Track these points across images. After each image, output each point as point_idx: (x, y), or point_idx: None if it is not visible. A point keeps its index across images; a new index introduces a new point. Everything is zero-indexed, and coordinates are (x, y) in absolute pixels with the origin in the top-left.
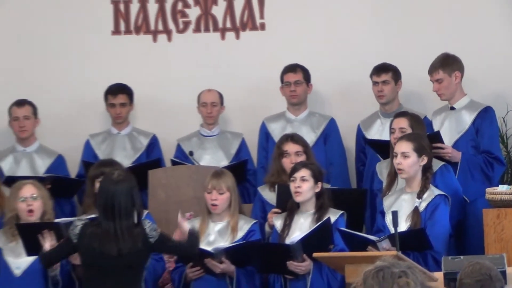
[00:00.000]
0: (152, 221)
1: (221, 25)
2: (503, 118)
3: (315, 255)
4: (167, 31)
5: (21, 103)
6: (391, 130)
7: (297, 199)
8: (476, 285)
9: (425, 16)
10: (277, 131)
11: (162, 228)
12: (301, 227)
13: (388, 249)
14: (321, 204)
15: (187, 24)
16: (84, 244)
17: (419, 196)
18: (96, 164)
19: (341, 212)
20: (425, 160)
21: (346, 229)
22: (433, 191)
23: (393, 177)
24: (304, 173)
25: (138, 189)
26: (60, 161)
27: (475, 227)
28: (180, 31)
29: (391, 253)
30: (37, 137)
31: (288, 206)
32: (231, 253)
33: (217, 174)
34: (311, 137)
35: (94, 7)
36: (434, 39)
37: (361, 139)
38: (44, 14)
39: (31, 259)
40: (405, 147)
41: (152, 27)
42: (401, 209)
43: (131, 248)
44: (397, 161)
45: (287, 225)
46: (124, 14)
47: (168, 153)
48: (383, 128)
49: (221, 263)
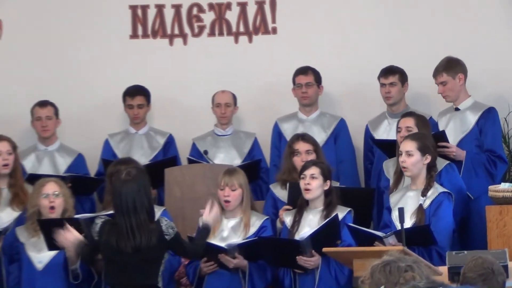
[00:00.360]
0: (168, 218)
1: (234, 29)
2: (505, 118)
3: (324, 250)
4: (183, 35)
5: (43, 104)
6: (398, 129)
7: (307, 196)
8: (479, 278)
9: (430, 21)
10: (289, 131)
11: (177, 223)
12: (310, 223)
13: (394, 244)
14: (330, 201)
15: (202, 28)
16: (103, 240)
17: (424, 193)
18: (114, 162)
19: (349, 209)
20: (428, 159)
21: (354, 225)
22: (437, 189)
23: (399, 175)
24: (313, 171)
25: (147, 187)
26: (80, 159)
27: (478, 223)
28: (195, 35)
29: (398, 248)
30: (58, 137)
31: (298, 203)
32: (244, 249)
33: (230, 171)
34: (322, 137)
35: (113, 13)
36: (439, 43)
37: (369, 138)
38: (65, 18)
39: (53, 253)
40: (409, 146)
41: (168, 31)
42: (406, 206)
43: (145, 243)
44: (401, 159)
45: (297, 221)
46: (141, 19)
47: (183, 152)
48: (390, 128)
49: (234, 258)
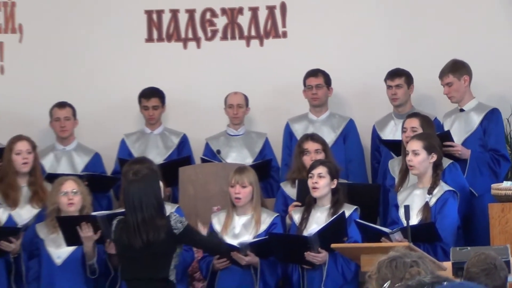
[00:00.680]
0: (181, 215)
1: (246, 33)
2: (508, 119)
3: (333, 245)
4: (197, 39)
5: (62, 105)
6: (403, 129)
7: (314, 194)
8: (482, 273)
9: (435, 24)
10: (300, 131)
11: (191, 220)
12: (318, 220)
13: (400, 240)
14: (337, 199)
15: (215, 32)
16: (116, 238)
17: (430, 192)
18: (129, 161)
19: (355, 207)
20: (434, 157)
21: (362, 221)
22: (443, 187)
23: (404, 173)
24: (321, 170)
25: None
26: (97, 158)
27: (482, 221)
28: (208, 39)
29: (404, 244)
30: (75, 137)
31: (306, 200)
32: (255, 247)
33: (240, 169)
34: (332, 137)
35: (129, 17)
36: (443, 46)
37: (376, 138)
38: (83, 23)
39: (71, 249)
40: (416, 145)
41: (182, 35)
42: (413, 203)
43: (154, 239)
44: (408, 158)
45: (305, 218)
46: (156, 23)
47: (197, 151)
48: (396, 128)
49: (246, 255)
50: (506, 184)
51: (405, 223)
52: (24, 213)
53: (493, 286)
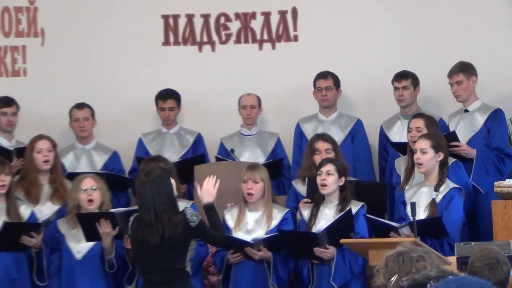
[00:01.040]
0: (196, 211)
1: (258, 37)
2: (510, 119)
3: (342, 241)
4: (211, 42)
5: (81, 106)
6: (409, 129)
7: (323, 191)
8: (485, 267)
9: (440, 27)
10: (310, 131)
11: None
12: (326, 216)
13: (408, 235)
14: (344, 196)
15: (228, 36)
16: (133, 234)
17: (436, 189)
18: (145, 160)
19: (362, 203)
20: (441, 156)
21: (371, 216)
22: (449, 184)
23: (409, 171)
24: (329, 168)
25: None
26: (115, 157)
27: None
28: (222, 43)
29: (410, 240)
30: (94, 136)
31: (314, 197)
32: (268, 242)
33: (252, 166)
34: (340, 136)
35: (147, 22)
36: (448, 48)
37: (383, 138)
38: (102, 27)
39: (90, 244)
40: (423, 144)
41: (198, 38)
42: (420, 200)
43: (169, 234)
44: (416, 156)
45: (314, 214)
46: (173, 27)
47: (211, 150)
48: (403, 128)
49: (259, 251)
50: (508, 182)
51: (412, 219)
52: (45, 210)
53: (496, 279)
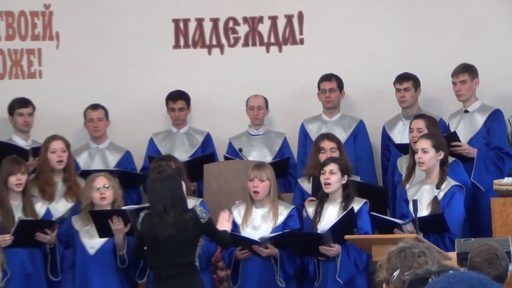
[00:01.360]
0: (205, 208)
1: (266, 40)
2: (509, 120)
3: (347, 237)
4: (220, 46)
5: (95, 107)
6: (410, 129)
7: (326, 190)
8: (484, 263)
9: (440, 30)
10: (314, 131)
11: (214, 213)
12: (330, 214)
13: (411, 231)
14: (347, 194)
15: (237, 39)
16: (143, 230)
17: (438, 186)
18: (156, 158)
19: (365, 200)
20: (442, 155)
21: (376, 214)
22: (450, 182)
23: (411, 170)
24: (332, 167)
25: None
26: (127, 156)
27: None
28: (231, 46)
29: (412, 236)
30: (108, 136)
31: (319, 196)
32: (274, 240)
33: (258, 165)
34: (343, 136)
35: (158, 25)
36: (449, 50)
37: (385, 138)
38: (115, 31)
39: (103, 240)
40: (425, 144)
41: (207, 42)
42: (422, 198)
43: (179, 230)
44: (418, 156)
45: (318, 212)
46: (183, 31)
47: (219, 150)
48: (404, 128)
49: (267, 248)
50: (507, 180)
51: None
52: (59, 207)
53: (495, 274)
